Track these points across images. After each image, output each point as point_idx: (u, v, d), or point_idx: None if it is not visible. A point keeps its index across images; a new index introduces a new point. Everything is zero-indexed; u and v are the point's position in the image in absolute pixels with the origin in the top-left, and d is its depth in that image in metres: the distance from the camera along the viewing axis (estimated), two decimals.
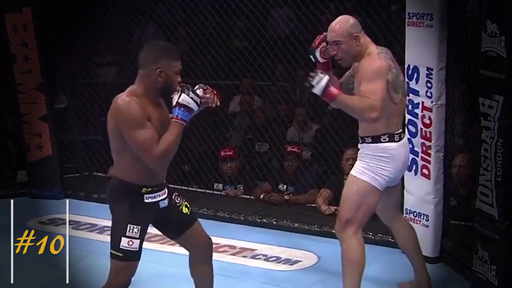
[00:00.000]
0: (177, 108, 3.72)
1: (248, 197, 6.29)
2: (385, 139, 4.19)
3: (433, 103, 4.88)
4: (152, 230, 5.62)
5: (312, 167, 6.26)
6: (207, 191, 6.44)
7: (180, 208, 4.01)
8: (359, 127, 4.28)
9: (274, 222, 5.80)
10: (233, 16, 6.46)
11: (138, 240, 3.82)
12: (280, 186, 6.25)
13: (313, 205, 6.00)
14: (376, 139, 4.20)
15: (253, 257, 5.30)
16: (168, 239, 4.27)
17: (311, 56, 4.37)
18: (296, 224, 5.74)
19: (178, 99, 3.72)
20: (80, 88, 6.94)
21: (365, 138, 4.24)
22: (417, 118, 4.98)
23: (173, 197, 3.98)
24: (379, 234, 5.41)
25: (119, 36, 6.95)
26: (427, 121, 4.93)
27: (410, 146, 5.04)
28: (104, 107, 6.98)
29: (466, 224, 5.02)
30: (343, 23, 4.19)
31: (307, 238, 5.50)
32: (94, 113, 6.99)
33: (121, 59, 7.12)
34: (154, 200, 3.86)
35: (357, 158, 4.29)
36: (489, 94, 4.18)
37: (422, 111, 4.94)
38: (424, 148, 4.98)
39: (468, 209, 5.08)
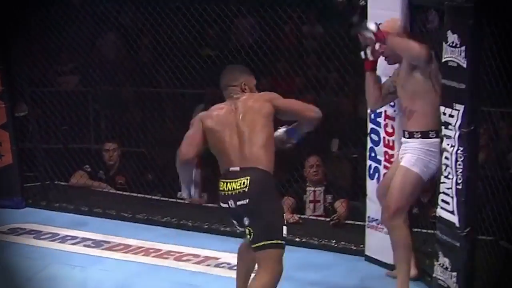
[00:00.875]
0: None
1: (212, 205, 6.32)
2: (433, 135, 4.52)
3: (396, 112, 4.97)
4: (114, 239, 5.71)
5: (275, 175, 6.29)
6: (170, 199, 6.46)
7: None
8: (407, 122, 4.62)
9: (238, 231, 5.83)
10: (197, 25, 6.50)
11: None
12: None
13: None
14: (425, 135, 4.55)
15: (217, 265, 5.33)
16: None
17: (362, 52, 4.66)
18: None
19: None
20: (41, 96, 6.93)
21: (414, 133, 4.58)
22: (380, 127, 5.07)
23: None
24: (342, 242, 5.49)
25: (81, 44, 6.96)
26: (390, 130, 5.03)
27: (373, 155, 5.15)
28: (65, 116, 7.02)
29: (427, 232, 5.11)
30: (393, 23, 4.63)
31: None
32: (55, 122, 6.98)
33: (82, 67, 7.14)
34: None
35: (405, 152, 4.61)
36: (450, 103, 4.28)
37: (384, 120, 5.03)
38: (387, 156, 5.07)
39: (429, 216, 5.19)
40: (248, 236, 4.03)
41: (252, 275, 4.20)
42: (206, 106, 7.00)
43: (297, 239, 5.53)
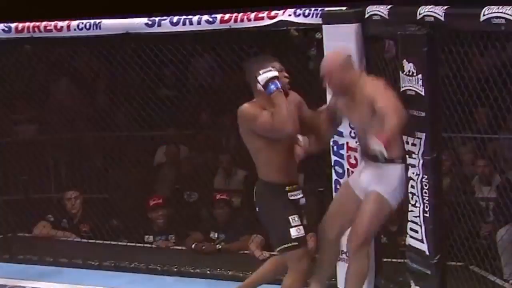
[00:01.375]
0: (267, 86, 4.27)
1: (180, 247, 6.33)
2: (402, 162, 4.45)
3: (357, 143, 5.04)
4: None
5: (243, 213, 6.36)
6: (137, 244, 6.45)
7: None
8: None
9: (208, 272, 5.86)
10: (155, 65, 6.54)
11: (302, 226, 4.39)
12: (211, 235, 6.32)
13: (246, 251, 6.10)
14: (401, 161, 4.44)
15: None
16: None
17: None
18: (230, 272, 5.81)
19: (261, 82, 4.29)
20: None
21: (394, 159, 4.39)
22: (343, 159, 5.13)
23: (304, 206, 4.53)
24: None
25: (36, 92, 6.96)
26: (353, 161, 5.08)
27: (338, 187, 5.21)
28: (24, 166, 6.99)
29: (397, 261, 5.17)
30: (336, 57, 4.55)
31: None
32: (14, 172, 6.94)
33: (39, 115, 7.13)
34: (296, 197, 4.45)
35: (378, 177, 4.43)
36: (412, 132, 4.38)
37: (347, 152, 5.10)
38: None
39: (398, 245, 5.25)
40: None
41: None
42: (168, 147, 7.10)
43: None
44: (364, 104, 4.31)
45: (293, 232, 4.35)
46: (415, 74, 4.31)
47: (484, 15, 3.96)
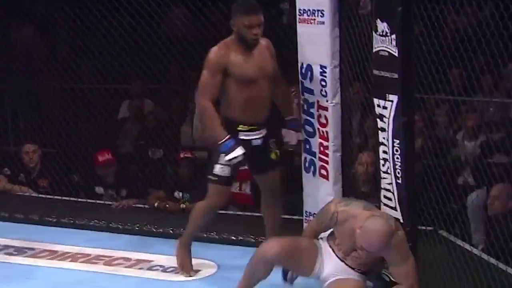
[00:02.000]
0: (228, 144, 4.65)
1: (142, 206, 6.29)
2: None
3: (329, 101, 5.00)
4: (39, 245, 5.63)
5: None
6: (98, 201, 6.40)
7: (270, 153, 4.88)
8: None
9: (171, 231, 5.84)
10: (123, 16, 6.42)
11: (230, 168, 4.73)
12: (176, 194, 6.29)
13: None
14: None
15: (150, 268, 5.31)
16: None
17: None
18: None
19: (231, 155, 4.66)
20: None
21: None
22: (313, 118, 5.10)
23: (269, 141, 4.85)
24: None
25: None
26: (323, 121, 5.05)
27: (308, 147, 5.20)
28: None
29: None
30: None
31: (205, 246, 5.53)
32: None
33: None
34: (247, 138, 4.73)
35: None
36: (383, 94, 4.34)
37: (317, 110, 5.06)
38: (321, 148, 5.10)
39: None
40: None
41: None
42: (132, 101, 7.01)
43: (232, 237, 5.57)
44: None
45: (216, 169, 4.75)
46: (388, 34, 4.26)
47: None
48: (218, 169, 4.76)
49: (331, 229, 4.51)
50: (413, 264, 4.33)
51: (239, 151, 4.65)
